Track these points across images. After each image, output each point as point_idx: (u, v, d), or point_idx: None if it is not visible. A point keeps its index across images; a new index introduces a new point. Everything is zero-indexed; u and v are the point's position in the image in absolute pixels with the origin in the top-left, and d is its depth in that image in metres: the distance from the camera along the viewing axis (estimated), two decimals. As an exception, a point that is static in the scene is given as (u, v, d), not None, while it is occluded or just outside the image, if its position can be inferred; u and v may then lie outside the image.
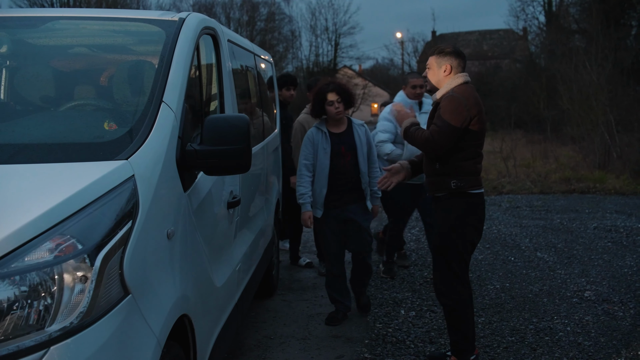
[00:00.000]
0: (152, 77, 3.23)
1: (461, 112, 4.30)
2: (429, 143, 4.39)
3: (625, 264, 7.53)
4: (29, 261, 2.16)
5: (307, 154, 5.51)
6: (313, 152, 5.49)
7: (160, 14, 3.86)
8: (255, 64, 6.10)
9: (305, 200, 5.49)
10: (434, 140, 4.36)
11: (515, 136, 21.07)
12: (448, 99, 4.37)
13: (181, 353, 2.97)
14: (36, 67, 3.63)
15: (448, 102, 4.36)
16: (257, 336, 5.41)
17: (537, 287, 6.72)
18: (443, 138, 4.33)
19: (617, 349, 5.05)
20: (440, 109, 4.39)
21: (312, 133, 5.55)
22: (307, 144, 5.54)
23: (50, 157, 2.69)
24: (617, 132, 16.45)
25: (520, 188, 13.86)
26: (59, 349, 2.15)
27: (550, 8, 35.65)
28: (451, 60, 4.51)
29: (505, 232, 9.53)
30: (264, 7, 48.48)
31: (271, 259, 6.26)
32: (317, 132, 5.53)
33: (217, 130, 3.16)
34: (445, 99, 4.39)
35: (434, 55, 4.59)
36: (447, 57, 4.52)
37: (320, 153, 5.46)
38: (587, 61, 18.65)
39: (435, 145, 4.37)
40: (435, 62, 4.56)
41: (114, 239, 2.38)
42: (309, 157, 5.51)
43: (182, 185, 3.10)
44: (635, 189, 13.21)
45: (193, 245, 3.26)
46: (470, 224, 4.51)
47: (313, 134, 5.53)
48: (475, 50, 49.21)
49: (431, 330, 5.52)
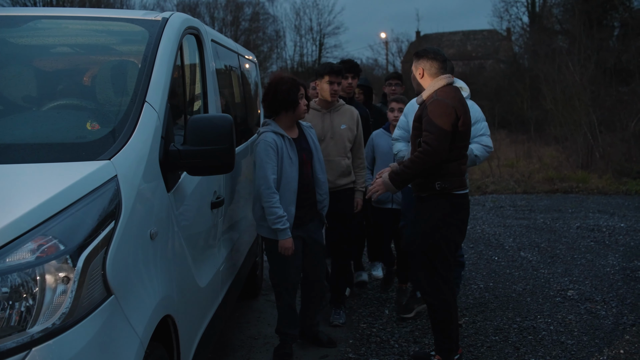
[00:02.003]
0: (135, 77, 3.21)
1: (450, 114, 4.31)
2: (429, 155, 4.31)
3: (607, 263, 7.59)
4: (11, 262, 2.14)
5: (273, 166, 4.61)
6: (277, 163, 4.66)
7: (143, 13, 3.84)
8: (239, 64, 6.09)
9: (286, 225, 4.61)
10: (433, 148, 4.29)
11: (499, 136, 21.15)
12: (434, 104, 4.37)
13: (165, 354, 2.95)
14: (18, 66, 3.60)
15: (435, 106, 4.35)
16: (242, 336, 5.40)
17: (520, 286, 6.75)
18: (440, 143, 4.29)
19: (599, 347, 5.08)
20: (427, 114, 4.38)
21: (273, 139, 4.65)
22: (270, 153, 4.60)
23: (32, 157, 2.67)
24: (599, 132, 16.56)
25: (504, 188, 13.93)
26: (40, 350, 2.13)
27: (534, 9, 35.86)
28: (424, 63, 4.55)
29: (489, 232, 9.57)
30: (248, 7, 48.40)
31: (255, 259, 6.25)
32: (277, 137, 4.69)
33: (200, 130, 3.15)
34: (431, 104, 4.38)
35: (414, 60, 4.66)
36: (420, 61, 4.58)
37: (285, 163, 4.66)
38: (570, 62, 18.75)
39: (435, 152, 4.30)
40: (414, 67, 4.63)
41: (96, 240, 2.36)
42: (274, 170, 4.62)
43: (165, 185, 3.09)
44: (617, 189, 13.32)
45: (176, 246, 3.24)
46: (454, 224, 4.52)
47: (275, 140, 4.65)
48: (459, 50, 49.35)
49: (415, 330, 5.54)
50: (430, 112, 4.35)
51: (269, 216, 4.59)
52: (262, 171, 4.60)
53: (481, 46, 50.90)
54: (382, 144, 6.31)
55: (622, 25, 26.40)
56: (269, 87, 4.84)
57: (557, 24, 30.85)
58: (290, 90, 4.72)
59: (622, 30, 25.64)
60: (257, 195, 4.72)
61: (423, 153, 4.33)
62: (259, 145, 4.67)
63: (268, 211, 4.59)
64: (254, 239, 6.00)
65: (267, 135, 4.68)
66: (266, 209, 4.60)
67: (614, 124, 17.53)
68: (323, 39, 51.68)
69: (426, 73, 4.54)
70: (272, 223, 4.59)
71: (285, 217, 4.60)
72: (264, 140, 4.65)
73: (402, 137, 5.51)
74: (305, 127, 5.00)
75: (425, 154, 4.32)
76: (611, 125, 17.66)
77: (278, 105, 4.76)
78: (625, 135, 16.46)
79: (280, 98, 4.73)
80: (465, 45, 51.51)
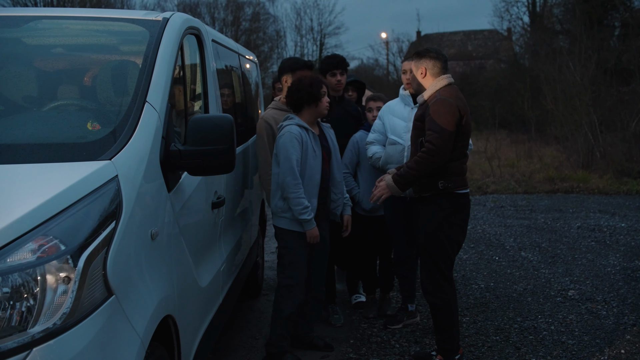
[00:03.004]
0: (136, 77, 3.21)
1: (454, 113, 4.32)
2: (434, 154, 4.30)
3: (608, 263, 7.58)
4: (12, 262, 2.15)
5: (298, 158, 4.58)
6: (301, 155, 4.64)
7: (144, 13, 3.84)
8: (239, 63, 6.09)
9: (312, 215, 4.62)
10: (437, 147, 4.29)
11: (500, 136, 21.15)
12: (438, 103, 4.36)
13: (165, 354, 2.95)
14: (18, 66, 3.60)
15: (438, 106, 4.35)
16: (242, 336, 5.40)
17: (521, 286, 6.75)
18: (445, 142, 4.30)
19: (600, 347, 5.08)
20: (430, 114, 4.37)
21: (298, 131, 4.63)
22: (295, 144, 4.58)
23: (33, 157, 2.67)
24: (600, 132, 16.55)
25: (504, 188, 13.92)
26: (41, 350, 2.13)
27: (535, 9, 35.83)
28: (426, 62, 4.54)
29: (489, 232, 9.56)
30: (249, 7, 48.34)
31: (256, 259, 6.25)
32: (302, 131, 4.66)
33: (201, 131, 3.15)
34: (435, 103, 4.38)
35: (413, 60, 4.64)
36: (422, 60, 4.56)
37: (310, 156, 4.65)
38: (570, 62, 18.73)
39: (440, 152, 4.30)
40: (415, 66, 4.61)
41: (97, 240, 2.36)
42: (299, 162, 4.60)
43: (166, 185, 3.09)
44: (618, 189, 13.31)
45: (177, 246, 3.25)
46: (456, 223, 4.53)
47: (300, 132, 4.64)
48: (459, 50, 49.32)
49: (416, 330, 5.53)
50: (434, 111, 4.34)
51: (296, 207, 4.57)
52: (288, 162, 4.56)
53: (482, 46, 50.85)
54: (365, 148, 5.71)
55: (622, 25, 26.35)
56: (293, 84, 4.84)
57: (557, 24, 30.82)
58: (313, 85, 4.71)
59: (623, 30, 25.59)
60: (277, 187, 4.69)
61: (428, 153, 4.32)
62: (284, 136, 4.63)
63: (294, 202, 4.56)
64: (254, 239, 6.00)
65: (292, 127, 4.66)
66: (292, 200, 4.56)
67: (615, 123, 17.51)
68: (324, 39, 51.70)
69: (429, 73, 4.54)
70: (299, 214, 4.57)
71: (310, 208, 4.60)
72: (289, 132, 4.62)
73: (378, 140, 5.43)
74: (325, 127, 4.99)
75: (430, 153, 4.32)
76: (612, 125, 17.65)
77: (301, 100, 4.73)
78: (626, 135, 16.44)
79: (303, 92, 4.71)
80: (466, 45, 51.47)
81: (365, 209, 5.67)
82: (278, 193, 4.69)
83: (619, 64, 21.40)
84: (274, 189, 4.76)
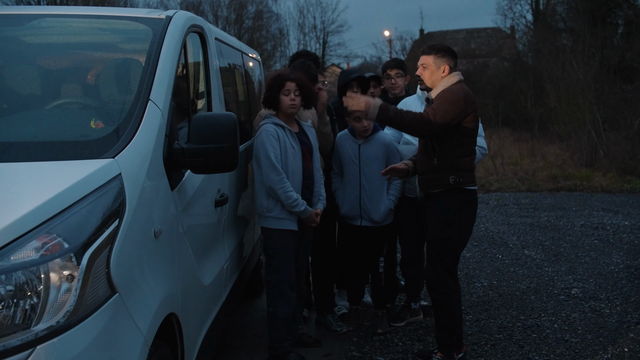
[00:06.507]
0: (139, 75, 3.21)
1: (460, 105, 4.32)
2: (424, 121, 4.29)
3: (611, 261, 7.58)
4: (15, 260, 2.15)
5: (277, 154, 4.56)
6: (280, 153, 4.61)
7: (147, 11, 3.85)
8: (243, 62, 6.09)
9: (304, 203, 4.62)
10: (431, 119, 4.27)
11: (503, 134, 21.10)
12: (447, 90, 4.40)
13: (168, 352, 2.96)
14: (22, 65, 3.61)
15: (448, 92, 4.38)
16: (245, 335, 5.40)
17: (524, 284, 6.74)
18: (440, 121, 4.27)
19: (603, 345, 5.08)
20: (438, 97, 4.39)
21: (274, 129, 4.61)
22: (272, 140, 4.55)
23: (36, 155, 2.67)
24: (603, 130, 16.52)
25: (507, 186, 13.91)
26: (45, 348, 2.14)
27: (538, 6, 35.78)
28: (449, 60, 4.51)
29: (492, 230, 9.56)
30: (252, 5, 48.25)
31: (259, 257, 6.25)
32: (278, 128, 4.64)
33: (204, 129, 3.16)
34: (444, 91, 4.41)
35: (431, 55, 4.54)
36: (445, 58, 4.51)
37: (289, 153, 4.62)
38: (574, 59, 18.70)
39: (430, 125, 4.28)
40: (434, 63, 4.52)
41: (100, 238, 2.37)
42: (279, 158, 4.57)
43: (169, 183, 3.09)
44: (621, 187, 13.29)
45: (180, 244, 3.25)
46: (465, 220, 4.55)
47: (275, 130, 4.61)
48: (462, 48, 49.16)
49: (419, 328, 5.53)
50: (441, 96, 4.39)
51: (287, 201, 4.54)
52: (267, 160, 4.54)
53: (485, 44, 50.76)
54: (345, 148, 5.37)
55: (626, 23, 26.30)
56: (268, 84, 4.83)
57: (561, 22, 30.77)
58: (272, 88, 4.71)
59: (626, 28, 25.55)
60: (261, 186, 4.66)
61: (421, 117, 4.31)
62: (261, 135, 4.62)
63: (284, 197, 4.53)
64: (258, 237, 6.00)
65: (267, 125, 4.64)
66: (281, 195, 4.53)
67: (618, 122, 17.47)
68: (327, 37, 51.64)
69: (450, 70, 4.51)
70: (292, 207, 4.56)
71: (300, 198, 4.58)
72: (265, 130, 4.61)
73: (394, 136, 5.40)
74: (306, 125, 4.96)
75: (423, 119, 4.30)
76: (615, 123, 17.61)
77: (265, 101, 4.78)
78: (630, 133, 16.42)
79: (265, 96, 4.77)
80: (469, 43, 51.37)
81: (373, 220, 5.32)
82: (261, 193, 4.67)
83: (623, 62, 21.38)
84: (257, 189, 4.73)
